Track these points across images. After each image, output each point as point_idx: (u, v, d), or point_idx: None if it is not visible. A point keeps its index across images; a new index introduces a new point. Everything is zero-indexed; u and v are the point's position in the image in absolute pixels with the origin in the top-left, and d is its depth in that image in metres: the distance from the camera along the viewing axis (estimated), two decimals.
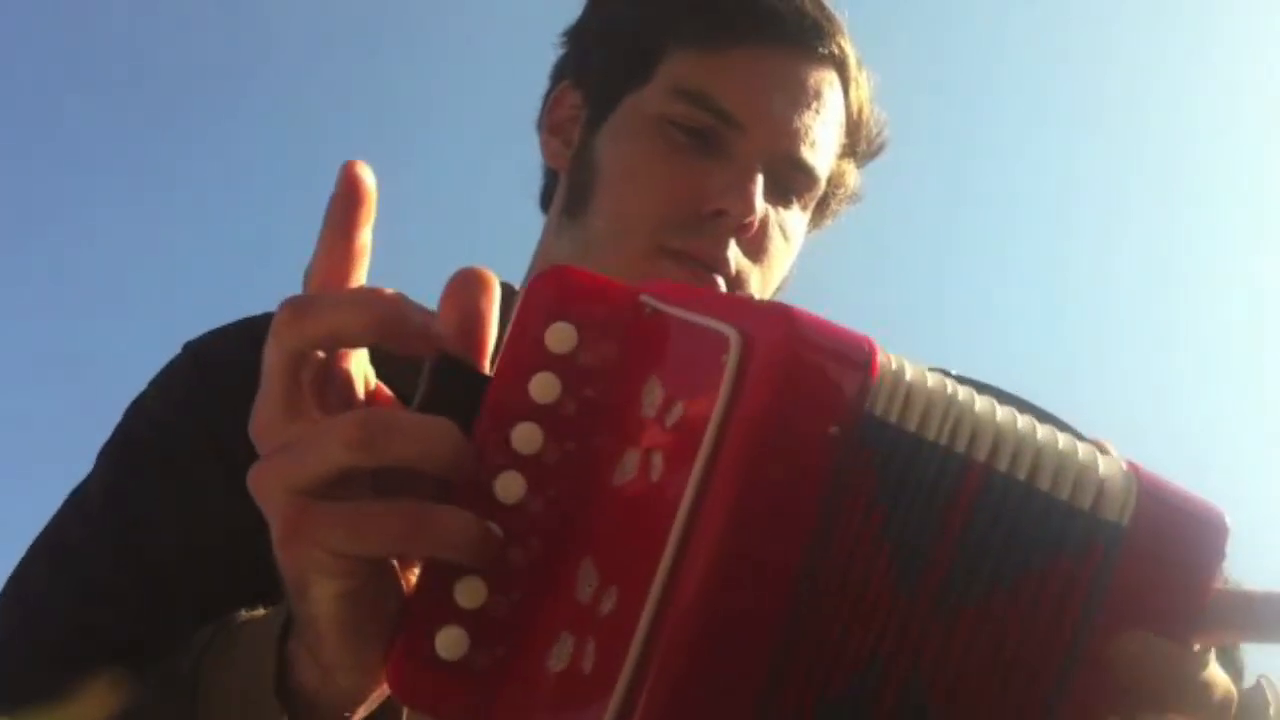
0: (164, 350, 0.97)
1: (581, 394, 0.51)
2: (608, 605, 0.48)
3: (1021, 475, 0.48)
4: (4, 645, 0.84)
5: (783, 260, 1.02)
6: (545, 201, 1.08)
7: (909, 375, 0.48)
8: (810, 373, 0.47)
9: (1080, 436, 0.52)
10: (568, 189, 1.04)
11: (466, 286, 0.52)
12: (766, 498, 0.46)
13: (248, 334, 0.96)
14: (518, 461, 0.50)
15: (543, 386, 0.51)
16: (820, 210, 1.07)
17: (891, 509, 0.47)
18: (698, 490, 0.46)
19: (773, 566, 0.46)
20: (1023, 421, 0.49)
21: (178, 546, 0.86)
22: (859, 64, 1.04)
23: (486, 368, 0.52)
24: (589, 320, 0.51)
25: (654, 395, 0.50)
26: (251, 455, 0.85)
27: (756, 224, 0.96)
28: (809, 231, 1.07)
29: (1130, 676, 0.49)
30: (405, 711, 0.61)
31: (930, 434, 0.47)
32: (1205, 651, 0.51)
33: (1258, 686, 1.19)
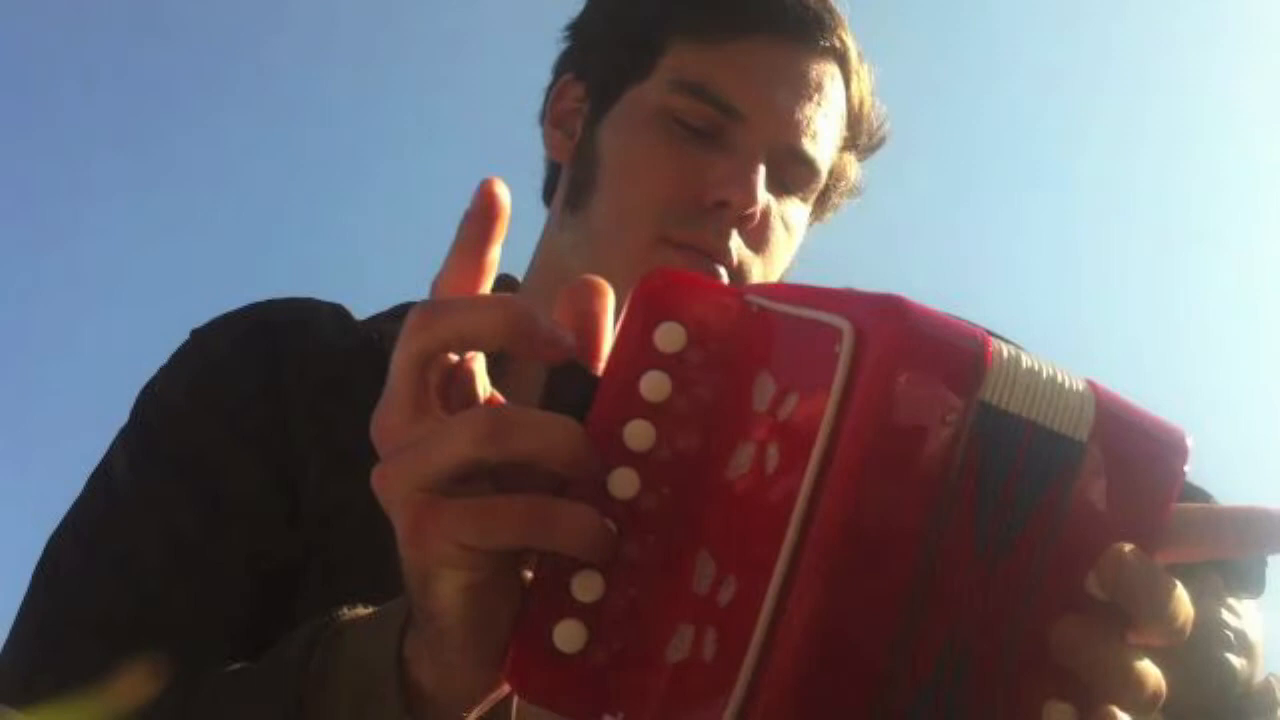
0: (168, 339, 0.99)
1: (692, 391, 0.52)
2: (726, 595, 0.48)
3: (1051, 424, 0.49)
4: (43, 626, 0.85)
5: (784, 251, 1.03)
6: (548, 194, 1.09)
7: (1008, 357, 0.48)
8: (925, 364, 0.46)
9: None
10: (570, 182, 1.04)
11: (582, 292, 0.53)
12: (882, 489, 0.46)
13: (250, 319, 0.98)
14: (631, 458, 0.51)
15: (653, 385, 0.51)
16: (821, 203, 1.08)
17: (982, 490, 0.48)
18: (815, 482, 0.46)
19: (890, 556, 0.47)
20: (1047, 367, 0.50)
21: (197, 523, 0.87)
22: (860, 57, 1.05)
23: (599, 367, 0.53)
24: (697, 319, 0.52)
25: (765, 389, 0.50)
26: (257, 430, 0.89)
27: (758, 215, 0.97)
28: (810, 224, 1.08)
29: (1106, 589, 0.49)
30: (515, 709, 0.62)
31: (1016, 407, 0.48)
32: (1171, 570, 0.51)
33: (1267, 684, 1.20)
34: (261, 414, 0.92)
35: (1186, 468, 0.51)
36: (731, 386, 0.51)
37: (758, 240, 0.99)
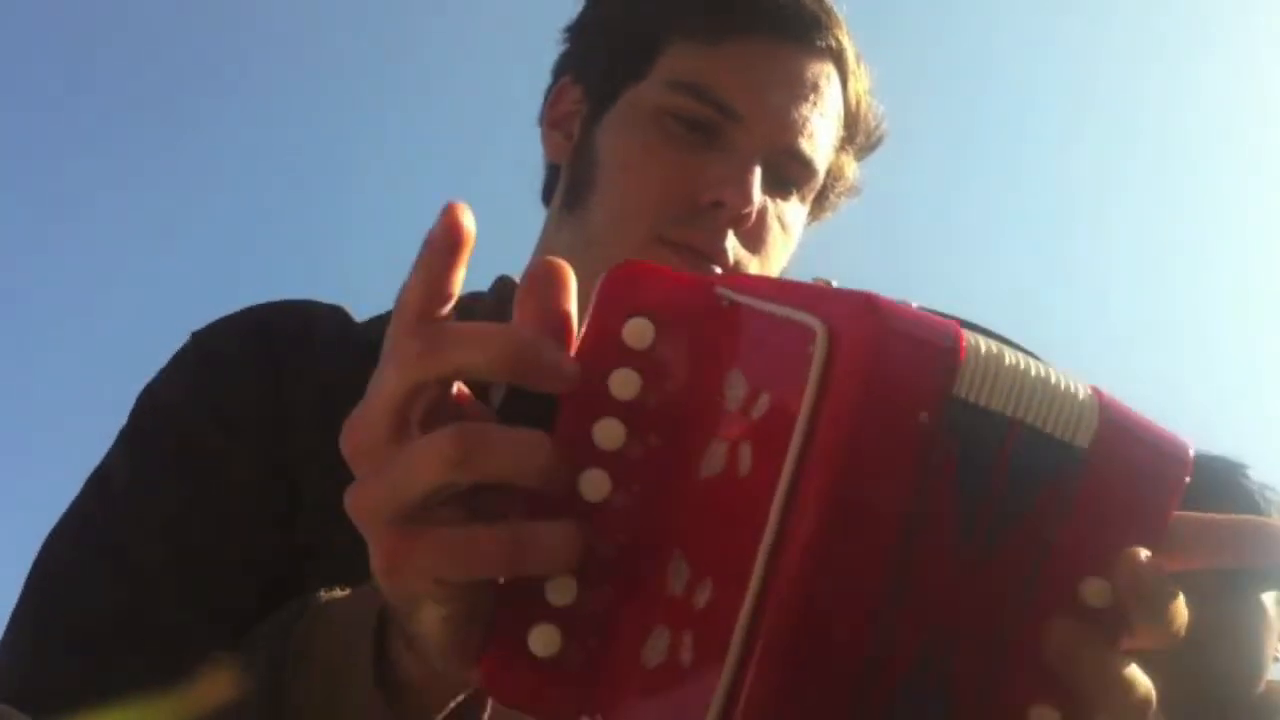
0: (168, 342, 1.00)
1: (662, 388, 0.51)
2: (703, 598, 0.48)
3: (1040, 423, 0.49)
4: (33, 626, 0.85)
5: (781, 252, 1.03)
6: (547, 196, 1.09)
7: (983, 351, 0.48)
8: (899, 361, 0.46)
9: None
10: (568, 182, 1.04)
11: (543, 282, 0.52)
12: (860, 487, 0.46)
13: (249, 322, 0.99)
14: (601, 458, 0.50)
15: (623, 383, 0.51)
16: (819, 203, 1.08)
17: (962, 482, 0.48)
18: (791, 483, 0.46)
19: (866, 555, 0.46)
20: (1038, 367, 0.50)
21: (195, 524, 0.87)
22: (857, 57, 1.05)
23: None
24: (666, 314, 0.51)
25: (737, 388, 0.50)
26: (254, 431, 0.89)
27: (754, 215, 0.97)
28: (808, 224, 1.08)
29: (1116, 590, 0.50)
30: (491, 704, 0.62)
31: (995, 404, 0.48)
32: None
33: (1272, 688, 1.20)
34: (261, 416, 0.92)
35: (1188, 479, 0.51)
36: (702, 383, 0.50)
37: (753, 241, 0.99)
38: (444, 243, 0.51)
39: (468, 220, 0.51)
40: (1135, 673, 0.50)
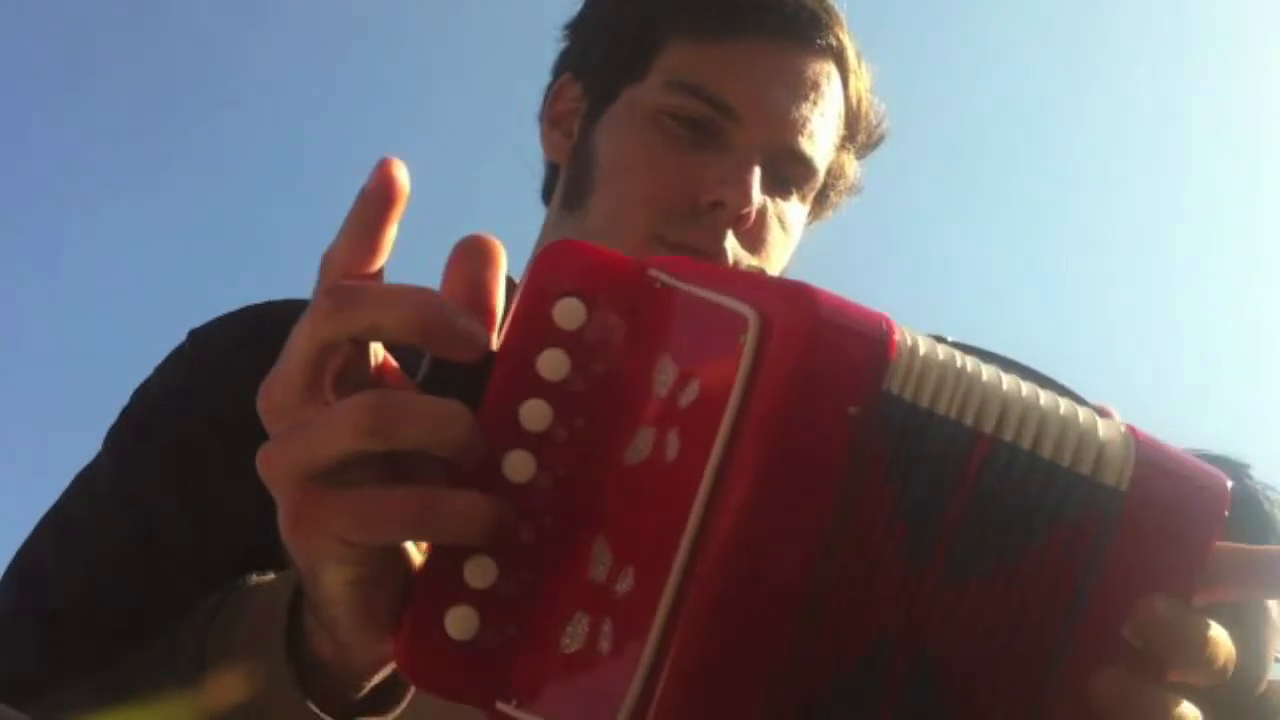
0: (166, 340, 0.99)
1: (590, 370, 0.50)
2: (624, 586, 0.48)
3: (1026, 444, 0.48)
4: (8, 618, 0.85)
5: (781, 252, 1.02)
6: (547, 195, 1.09)
7: (923, 351, 0.47)
8: (830, 353, 0.46)
9: (1081, 400, 0.52)
10: (567, 182, 1.04)
11: (472, 255, 0.51)
12: (786, 480, 0.46)
13: (247, 321, 0.98)
14: (526, 440, 0.50)
15: (551, 363, 0.50)
16: (820, 202, 1.07)
17: (904, 485, 0.47)
18: (717, 474, 0.45)
19: (791, 549, 0.46)
20: (1027, 389, 0.49)
21: (181, 523, 0.87)
22: (858, 56, 1.05)
23: (494, 340, 0.51)
24: (598, 296, 0.50)
25: (666, 373, 0.49)
26: (251, 433, 0.88)
27: (754, 215, 0.96)
28: (809, 223, 1.07)
29: (1140, 639, 0.49)
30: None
31: (941, 408, 0.47)
32: (1206, 611, 0.51)
33: (1272, 688, 1.20)
34: (257, 415, 0.91)
35: (1226, 513, 0.50)
36: (632, 368, 0.50)
37: (753, 241, 0.98)
38: (376, 198, 0.50)
39: (402, 176, 0.50)
40: (1185, 711, 0.50)
